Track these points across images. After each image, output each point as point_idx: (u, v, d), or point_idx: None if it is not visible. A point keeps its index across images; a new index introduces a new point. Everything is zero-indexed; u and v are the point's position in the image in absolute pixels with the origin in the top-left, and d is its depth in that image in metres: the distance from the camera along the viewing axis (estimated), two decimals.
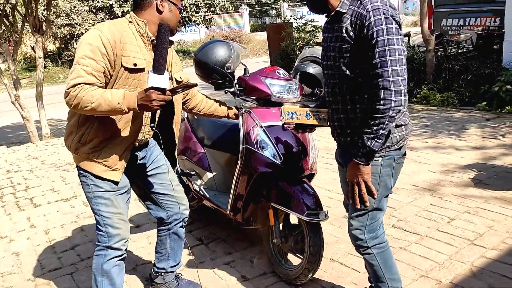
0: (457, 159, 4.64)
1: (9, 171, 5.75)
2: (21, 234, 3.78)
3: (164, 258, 2.59)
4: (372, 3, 1.78)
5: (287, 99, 2.82)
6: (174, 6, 2.14)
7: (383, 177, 1.98)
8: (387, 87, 1.74)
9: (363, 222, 2.03)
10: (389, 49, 1.73)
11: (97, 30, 1.99)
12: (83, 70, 1.93)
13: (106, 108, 1.91)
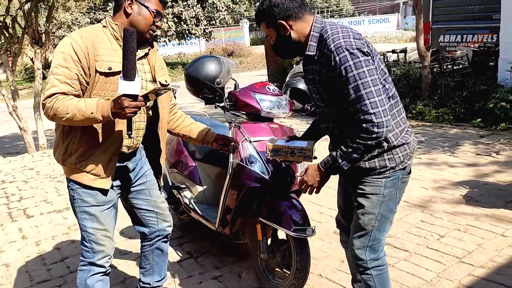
0: (450, 175, 4.65)
1: (4, 181, 5.76)
2: (12, 245, 3.78)
3: (149, 273, 2.57)
4: (335, 41, 1.79)
5: (277, 114, 2.85)
6: (144, 9, 2.06)
7: (385, 198, 1.96)
8: (369, 120, 1.75)
9: (365, 243, 2.01)
10: (362, 83, 1.74)
11: (69, 38, 1.99)
12: (57, 80, 1.94)
13: (81, 118, 1.91)
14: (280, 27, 1.90)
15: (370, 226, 1.99)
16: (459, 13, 10.25)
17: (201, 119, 3.77)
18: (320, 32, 1.88)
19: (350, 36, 1.80)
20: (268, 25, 1.94)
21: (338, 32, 1.82)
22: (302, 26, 1.90)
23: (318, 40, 1.87)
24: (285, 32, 1.90)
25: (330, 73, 1.82)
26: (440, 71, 8.10)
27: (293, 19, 1.89)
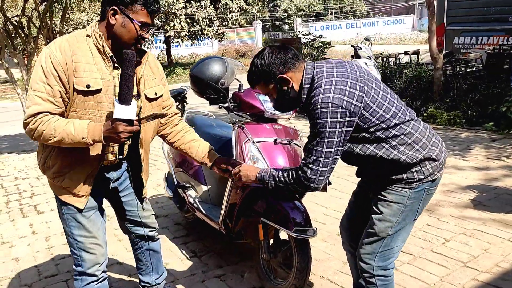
0: (459, 179, 4.61)
1: (17, 178, 5.88)
2: (23, 240, 3.86)
3: (146, 272, 2.58)
4: (315, 96, 1.83)
5: (280, 115, 2.86)
6: (128, 21, 1.86)
7: (407, 209, 1.94)
8: (304, 171, 1.89)
9: (376, 249, 1.99)
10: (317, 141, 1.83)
11: (48, 49, 1.86)
12: (39, 97, 1.81)
13: (70, 142, 1.84)
14: (282, 81, 1.90)
15: (385, 234, 1.97)
16: (474, 14, 10.11)
17: (207, 119, 3.81)
18: (309, 82, 1.90)
19: (330, 90, 1.81)
20: (267, 83, 1.93)
21: (321, 85, 1.84)
22: (299, 76, 1.92)
23: (307, 92, 1.91)
24: (288, 85, 1.91)
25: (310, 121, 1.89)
26: (452, 74, 8.02)
27: (292, 70, 1.90)
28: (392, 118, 1.87)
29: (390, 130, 1.87)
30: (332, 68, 1.89)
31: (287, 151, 2.75)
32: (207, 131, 3.52)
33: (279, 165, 2.64)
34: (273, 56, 1.88)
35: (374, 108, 1.85)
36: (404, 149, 1.87)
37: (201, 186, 3.39)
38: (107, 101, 1.93)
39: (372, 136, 1.87)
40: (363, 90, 1.84)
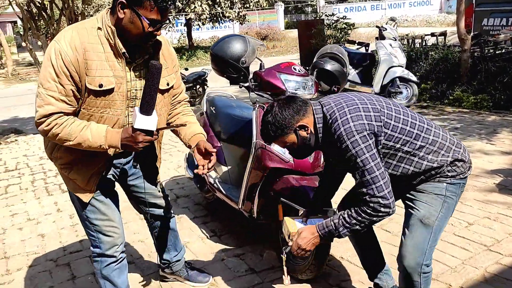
0: (484, 163, 4.50)
1: (42, 158, 6.01)
2: (48, 217, 3.96)
3: (165, 250, 2.60)
4: (336, 131, 1.84)
5: (302, 95, 2.82)
6: (137, 18, 1.74)
7: (448, 198, 1.95)
8: (376, 202, 1.82)
9: (425, 245, 1.94)
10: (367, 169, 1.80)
11: (58, 44, 1.75)
12: (51, 97, 1.75)
13: (86, 147, 1.82)
14: (301, 129, 1.92)
15: (432, 221, 1.93)
16: None
17: (227, 100, 3.80)
18: (323, 120, 1.92)
19: (348, 120, 1.83)
20: (286, 136, 1.92)
21: (337, 119, 1.85)
22: (311, 120, 1.94)
23: (323, 128, 1.92)
24: (307, 131, 1.92)
25: (339, 156, 1.88)
26: (480, 56, 7.79)
27: (306, 116, 1.92)
28: (412, 129, 1.90)
29: (414, 142, 1.90)
30: (339, 101, 1.93)
31: None
32: (227, 112, 3.52)
33: None
34: (285, 108, 1.90)
35: (393, 124, 1.88)
36: (432, 157, 1.91)
37: (221, 167, 3.40)
38: (120, 98, 1.89)
39: (400, 152, 1.91)
40: (376, 110, 1.88)
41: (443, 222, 1.97)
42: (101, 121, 1.90)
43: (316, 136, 1.94)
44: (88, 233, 2.17)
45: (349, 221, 1.87)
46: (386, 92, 7.39)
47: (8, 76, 18.41)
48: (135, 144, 1.81)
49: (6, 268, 3.11)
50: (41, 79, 1.77)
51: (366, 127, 1.82)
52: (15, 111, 10.44)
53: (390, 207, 1.82)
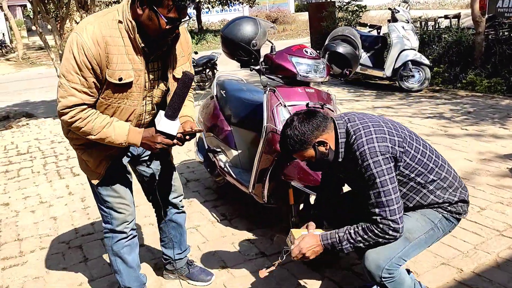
0: (497, 148, 4.44)
1: (53, 141, 6.06)
2: (60, 200, 4.00)
3: (168, 246, 2.55)
4: (359, 148, 1.84)
5: (313, 78, 2.80)
6: (155, 16, 1.75)
7: (436, 228, 1.97)
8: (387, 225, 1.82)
9: (390, 255, 1.88)
10: (383, 191, 1.81)
11: (80, 38, 1.76)
12: (74, 89, 1.79)
13: (107, 143, 1.90)
14: (319, 145, 1.91)
15: (411, 237, 1.92)
16: None
17: (237, 83, 3.77)
18: (345, 137, 1.92)
19: (373, 140, 1.83)
20: (305, 150, 1.92)
21: (361, 136, 1.85)
22: (333, 135, 1.93)
23: (345, 145, 1.92)
24: (326, 146, 1.92)
25: (356, 175, 1.88)
26: (495, 38, 7.64)
27: (326, 132, 1.91)
28: (429, 162, 1.93)
29: (427, 175, 1.92)
30: (364, 120, 1.93)
31: None
32: (237, 95, 3.50)
33: None
34: (304, 124, 1.89)
35: (413, 153, 1.90)
36: (440, 193, 1.95)
37: (232, 151, 3.39)
38: (137, 90, 1.93)
39: (412, 182, 1.93)
40: (400, 136, 1.89)
41: (422, 244, 1.96)
42: (118, 110, 1.94)
43: (336, 151, 1.94)
44: (101, 209, 2.21)
45: (354, 237, 1.87)
46: (398, 76, 7.30)
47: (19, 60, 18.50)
48: (153, 145, 1.88)
49: (19, 250, 3.15)
50: (63, 71, 1.80)
51: (390, 150, 1.83)
52: (26, 95, 10.51)
53: (399, 232, 1.84)
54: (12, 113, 8.04)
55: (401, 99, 7.01)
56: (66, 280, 2.74)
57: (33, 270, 2.87)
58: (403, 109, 6.34)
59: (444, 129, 5.19)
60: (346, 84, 8.60)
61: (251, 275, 2.63)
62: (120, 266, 2.28)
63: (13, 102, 9.60)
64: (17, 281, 2.76)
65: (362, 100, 7.07)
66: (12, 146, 5.96)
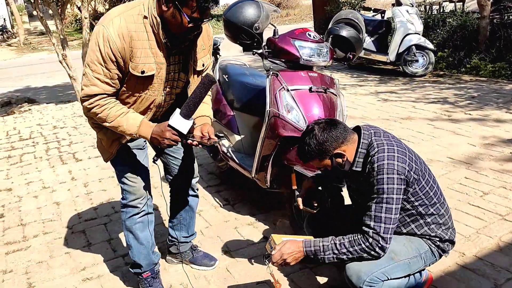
0: (501, 132, 4.42)
1: (55, 127, 6.06)
2: (63, 186, 4.01)
3: (176, 227, 2.57)
4: (379, 160, 1.84)
5: (316, 62, 2.77)
6: (178, 14, 1.81)
7: (419, 259, 1.97)
8: (377, 240, 1.82)
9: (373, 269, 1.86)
10: (386, 207, 1.82)
11: (106, 31, 1.82)
12: (97, 79, 1.87)
13: (120, 131, 1.98)
14: (337, 157, 1.92)
15: (397, 258, 1.93)
16: None
17: (240, 67, 3.74)
18: (367, 148, 1.92)
19: (394, 158, 1.84)
20: (321, 160, 1.93)
21: (384, 151, 1.86)
22: (352, 147, 1.93)
23: (365, 156, 1.92)
24: (343, 158, 1.92)
25: (366, 186, 1.89)
26: (500, 22, 7.53)
27: (345, 144, 1.92)
28: (434, 196, 1.95)
29: (429, 207, 1.95)
30: (389, 139, 1.94)
31: (323, 99, 2.67)
32: (240, 79, 3.47)
33: (314, 115, 2.58)
34: (325, 134, 1.90)
35: (423, 184, 1.92)
36: (434, 227, 1.98)
37: (234, 136, 3.38)
38: (158, 82, 2.01)
39: (414, 210, 1.95)
40: (417, 164, 1.91)
41: (405, 267, 1.95)
42: (139, 99, 2.02)
43: (354, 160, 1.93)
44: (119, 181, 2.26)
45: (339, 248, 1.87)
46: (402, 60, 7.24)
47: (20, 46, 18.42)
48: (162, 140, 1.91)
49: (23, 234, 3.17)
50: (88, 61, 1.87)
51: (406, 173, 1.84)
52: (27, 80, 10.49)
53: (384, 251, 1.84)
54: (14, 98, 8.02)
55: (404, 84, 6.96)
56: (69, 264, 2.76)
57: (36, 255, 2.89)
58: (407, 94, 6.29)
59: (447, 114, 5.16)
60: (349, 69, 8.53)
61: (254, 260, 2.64)
62: (132, 242, 2.31)
63: (14, 87, 9.59)
64: (21, 266, 2.78)
65: (366, 85, 7.02)
66: (14, 132, 5.96)
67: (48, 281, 2.60)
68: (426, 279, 2.16)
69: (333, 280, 2.41)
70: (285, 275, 2.48)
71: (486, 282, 2.29)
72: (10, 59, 15.50)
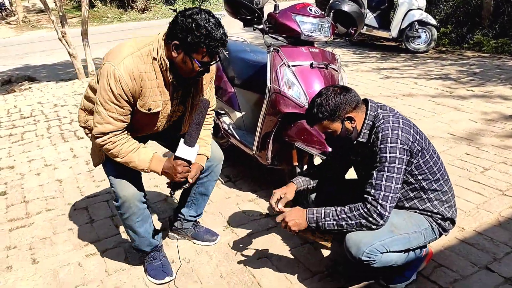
0: (503, 108, 4.40)
1: (56, 105, 6.04)
2: (64, 163, 4.03)
3: (187, 205, 2.57)
4: (383, 130, 1.86)
5: (318, 38, 2.74)
6: (189, 60, 1.87)
7: (419, 234, 1.98)
8: (375, 207, 1.83)
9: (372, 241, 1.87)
10: (387, 175, 1.83)
11: (118, 71, 1.88)
12: (111, 117, 1.94)
13: (132, 167, 2.04)
14: (348, 120, 1.91)
15: (397, 231, 1.93)
16: None
17: (241, 44, 3.71)
18: (373, 120, 1.94)
19: (399, 128, 1.85)
20: (332, 122, 1.91)
21: (389, 122, 1.87)
22: (360, 116, 1.94)
23: (371, 127, 1.93)
24: (353, 124, 1.92)
25: (370, 157, 1.90)
26: None
27: (356, 110, 1.92)
28: (437, 172, 1.96)
29: (432, 183, 1.96)
30: (396, 113, 1.95)
31: (324, 75, 2.66)
32: (241, 56, 3.44)
33: (315, 91, 2.56)
34: (340, 96, 1.89)
35: (427, 158, 1.92)
36: (436, 204, 2.00)
37: (235, 113, 3.37)
38: (163, 115, 2.10)
39: (417, 184, 1.96)
40: (422, 138, 1.92)
41: (405, 241, 1.95)
42: (141, 128, 2.12)
43: (360, 132, 1.94)
44: (111, 187, 2.21)
45: (339, 214, 1.89)
46: (404, 37, 7.16)
47: (19, 23, 18.23)
48: (175, 175, 2.00)
49: (26, 211, 3.20)
50: (101, 100, 1.93)
51: (410, 143, 1.85)
52: (27, 58, 10.43)
53: (383, 219, 1.84)
54: (14, 77, 7.99)
55: (406, 60, 6.90)
56: (72, 240, 2.79)
57: (40, 231, 2.92)
58: (409, 70, 6.25)
59: (449, 90, 5.13)
60: (351, 45, 8.45)
61: (255, 235, 2.67)
62: (133, 236, 2.32)
63: (14, 65, 9.53)
64: (25, 242, 2.81)
65: (367, 62, 6.97)
66: (15, 110, 5.95)
67: (52, 256, 2.63)
68: (427, 254, 2.18)
69: (334, 254, 2.44)
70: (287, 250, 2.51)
71: (485, 256, 2.32)
72: (9, 37, 15.37)
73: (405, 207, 2.03)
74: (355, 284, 2.18)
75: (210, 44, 1.81)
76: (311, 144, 2.57)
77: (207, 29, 1.79)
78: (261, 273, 2.34)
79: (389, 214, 1.85)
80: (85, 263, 2.55)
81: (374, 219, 1.84)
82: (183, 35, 1.81)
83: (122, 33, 13.87)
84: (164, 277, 2.33)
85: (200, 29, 1.78)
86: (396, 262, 1.96)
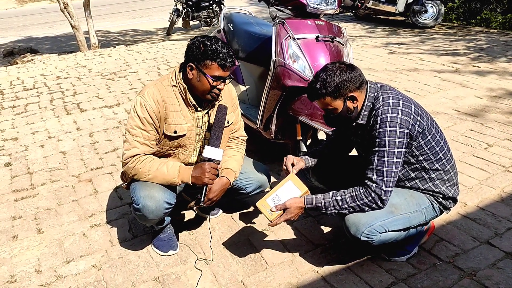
0: (508, 85, 4.36)
1: (59, 77, 6.01)
2: (68, 135, 4.03)
3: None
4: (382, 113, 1.84)
5: (324, 10, 2.69)
6: (202, 76, 2.03)
7: (419, 214, 1.98)
8: (378, 194, 1.86)
9: (371, 221, 1.89)
10: (387, 161, 1.83)
11: (143, 99, 2.09)
12: (137, 142, 2.10)
13: (161, 180, 2.12)
14: (350, 99, 1.89)
15: (397, 211, 1.93)
16: None
17: (246, 16, 3.65)
18: (372, 102, 1.92)
19: (398, 111, 1.83)
20: (334, 99, 1.88)
21: (389, 104, 1.86)
22: (362, 96, 1.92)
23: (370, 109, 1.91)
24: (354, 104, 1.90)
25: (369, 139, 1.90)
26: None
27: (359, 90, 1.90)
28: (440, 152, 1.95)
29: (434, 163, 1.95)
30: (395, 93, 1.92)
31: (329, 48, 2.62)
32: (245, 29, 3.39)
33: (320, 64, 2.53)
34: (346, 73, 1.87)
35: (429, 138, 1.91)
36: (438, 183, 1.99)
37: (239, 86, 3.35)
38: (189, 142, 2.20)
39: (418, 164, 1.95)
40: (423, 119, 1.90)
41: (405, 221, 1.95)
42: (171, 157, 2.22)
43: (359, 114, 1.93)
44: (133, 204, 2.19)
45: (341, 204, 1.91)
46: (411, 11, 7.04)
47: None
48: (203, 175, 2.07)
49: (30, 182, 3.22)
50: (128, 128, 2.11)
51: (410, 126, 1.83)
52: (29, 30, 10.33)
53: (384, 204, 1.88)
54: (16, 48, 7.93)
55: (413, 35, 6.81)
56: (77, 211, 2.82)
57: (44, 202, 2.95)
58: (415, 46, 6.17)
59: (455, 66, 5.08)
60: (357, 20, 8.33)
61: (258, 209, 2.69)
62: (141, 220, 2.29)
63: (16, 37, 9.45)
64: (30, 212, 2.84)
65: (374, 37, 6.87)
66: (18, 82, 5.93)
67: (57, 226, 2.67)
68: (428, 228, 2.20)
69: (336, 228, 2.46)
70: (288, 223, 2.53)
71: (486, 231, 2.33)
72: (11, 9, 15.19)
73: (407, 186, 2.04)
74: (357, 257, 2.20)
75: (219, 56, 1.99)
76: (315, 118, 2.56)
77: (214, 46, 1.99)
78: (264, 245, 2.37)
79: (388, 199, 1.88)
80: (89, 234, 2.58)
81: (378, 205, 1.89)
82: (193, 55, 2.02)
83: (125, 5, 13.68)
84: (168, 250, 2.37)
85: (207, 47, 2.00)
86: (396, 239, 1.99)
